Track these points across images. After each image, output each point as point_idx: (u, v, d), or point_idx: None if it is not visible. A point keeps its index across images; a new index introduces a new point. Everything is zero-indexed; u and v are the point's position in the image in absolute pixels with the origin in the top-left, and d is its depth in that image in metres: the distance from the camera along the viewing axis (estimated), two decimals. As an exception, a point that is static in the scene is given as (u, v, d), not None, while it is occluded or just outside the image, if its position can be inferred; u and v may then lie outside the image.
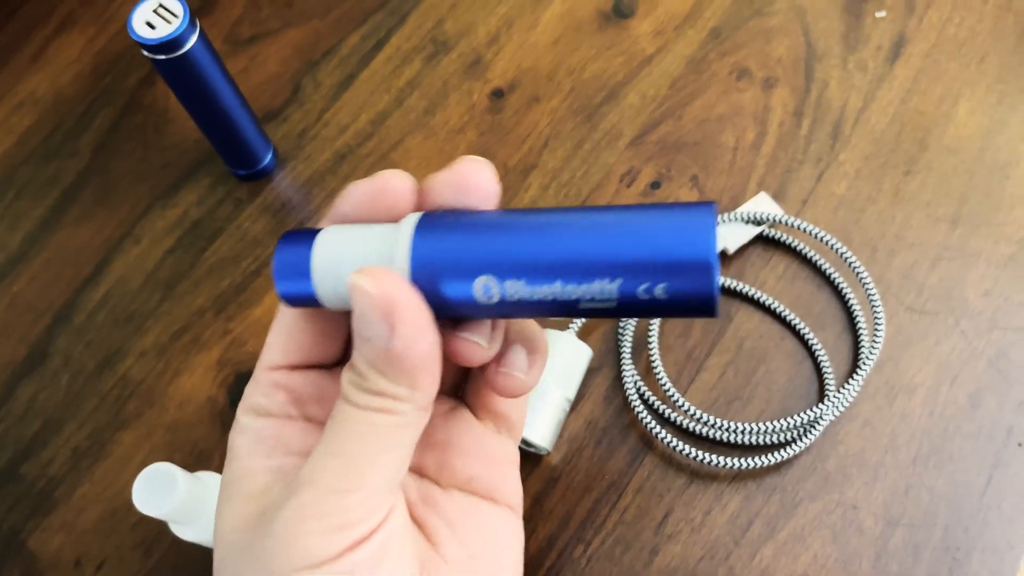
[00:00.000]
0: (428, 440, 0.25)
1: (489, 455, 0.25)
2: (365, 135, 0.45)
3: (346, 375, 0.21)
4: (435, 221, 0.20)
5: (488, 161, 0.22)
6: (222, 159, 0.44)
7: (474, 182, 0.21)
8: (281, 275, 0.21)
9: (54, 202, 0.45)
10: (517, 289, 0.19)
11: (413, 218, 0.21)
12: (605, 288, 0.19)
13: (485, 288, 0.20)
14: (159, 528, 0.37)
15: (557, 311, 0.20)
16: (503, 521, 0.25)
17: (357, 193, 0.22)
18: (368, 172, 0.44)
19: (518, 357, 0.22)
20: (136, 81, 0.48)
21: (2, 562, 0.37)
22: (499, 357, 0.22)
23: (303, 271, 0.21)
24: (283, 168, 0.44)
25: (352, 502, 0.20)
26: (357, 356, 0.20)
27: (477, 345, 0.21)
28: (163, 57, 0.35)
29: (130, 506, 0.38)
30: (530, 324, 0.23)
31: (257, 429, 0.23)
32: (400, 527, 0.21)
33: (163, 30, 0.34)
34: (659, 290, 0.18)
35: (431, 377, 0.20)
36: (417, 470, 0.25)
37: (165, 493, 0.30)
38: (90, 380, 0.41)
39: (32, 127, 0.48)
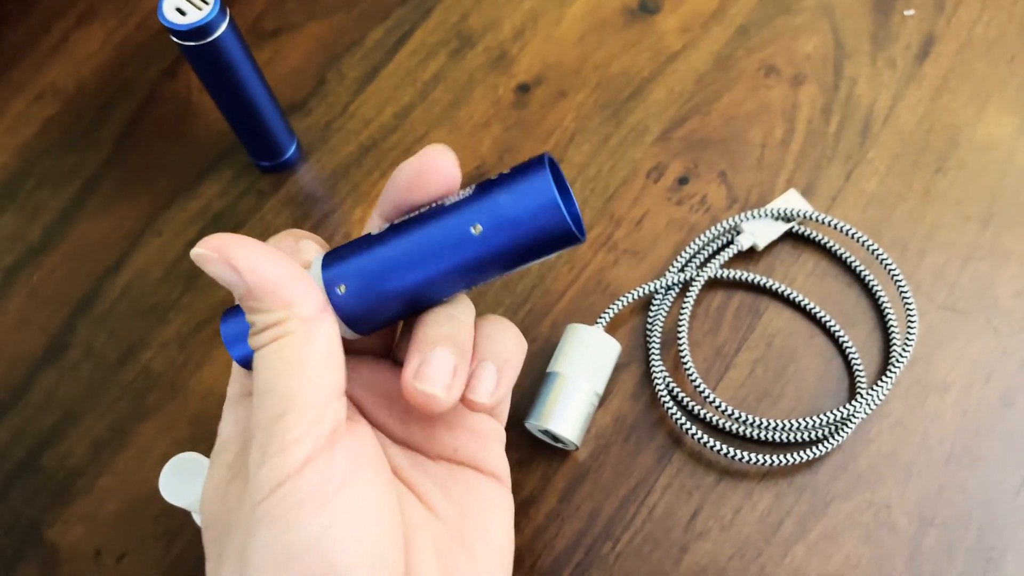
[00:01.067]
0: (414, 415, 0.26)
1: (472, 429, 0.26)
2: (389, 128, 0.45)
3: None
4: (334, 255, 0.24)
5: (449, 148, 0.24)
6: (246, 150, 0.44)
7: (436, 167, 0.23)
8: (231, 345, 0.25)
9: (75, 193, 0.45)
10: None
11: (318, 258, 0.24)
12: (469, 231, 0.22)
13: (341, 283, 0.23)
14: (181, 520, 0.37)
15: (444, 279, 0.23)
16: (490, 488, 0.26)
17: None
18: (393, 166, 0.43)
19: (484, 377, 0.23)
20: (157, 73, 0.48)
21: (22, 553, 0.37)
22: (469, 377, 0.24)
23: (244, 337, 0.24)
24: (306, 161, 0.44)
25: (287, 423, 0.21)
26: (244, 310, 0.23)
27: (428, 394, 0.22)
28: (192, 44, 0.35)
29: (151, 498, 0.37)
30: (492, 331, 0.24)
31: (236, 405, 0.25)
32: (362, 453, 0.22)
33: (193, 16, 0.34)
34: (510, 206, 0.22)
35: (296, 290, 0.22)
36: (404, 443, 0.26)
37: (192, 483, 0.29)
38: (111, 371, 0.40)
39: (53, 118, 0.48)
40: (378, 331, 0.25)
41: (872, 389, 0.35)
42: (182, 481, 0.29)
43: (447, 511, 0.25)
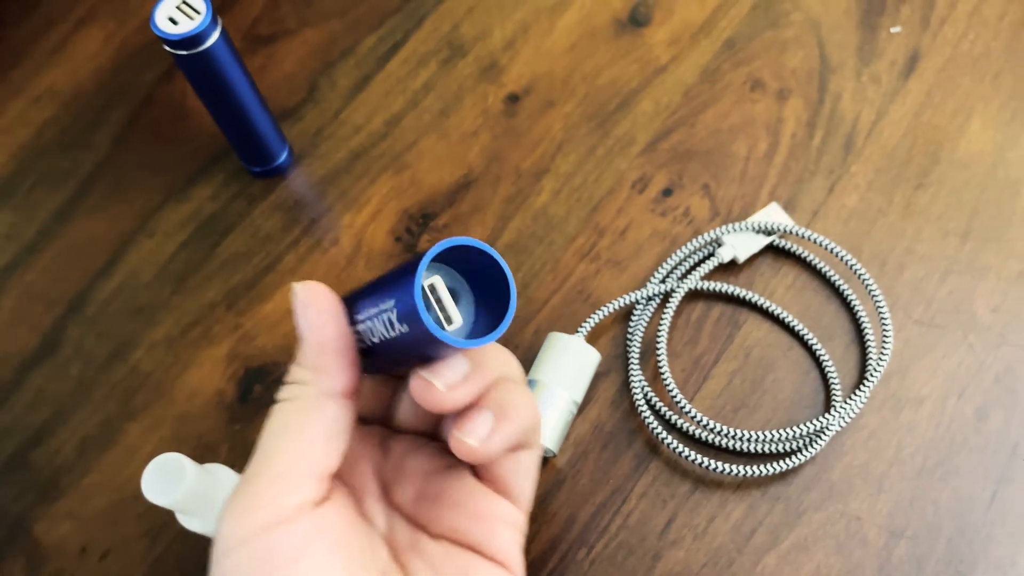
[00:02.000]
0: (423, 492, 0.26)
1: (476, 510, 0.26)
2: (380, 135, 0.45)
3: None
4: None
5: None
6: (238, 156, 0.44)
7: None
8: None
9: (70, 194, 0.46)
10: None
11: None
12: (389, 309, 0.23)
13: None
14: (164, 518, 0.37)
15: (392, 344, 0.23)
16: (490, 573, 0.25)
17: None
18: (381, 172, 0.44)
19: (478, 422, 0.23)
20: (154, 77, 0.49)
21: (8, 548, 0.37)
22: (459, 418, 0.23)
23: None
24: (297, 166, 0.45)
25: (259, 485, 0.21)
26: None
27: (427, 383, 0.23)
28: (184, 53, 0.35)
29: (136, 496, 0.38)
30: (508, 392, 0.24)
31: None
32: (326, 531, 0.22)
33: (185, 26, 0.35)
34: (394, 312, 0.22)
35: (333, 363, 0.22)
36: (411, 519, 0.26)
37: (174, 483, 0.30)
38: (100, 370, 0.41)
39: (50, 119, 0.48)
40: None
41: (847, 402, 0.35)
42: (162, 482, 0.30)
43: None
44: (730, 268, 0.40)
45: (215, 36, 0.35)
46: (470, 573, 0.25)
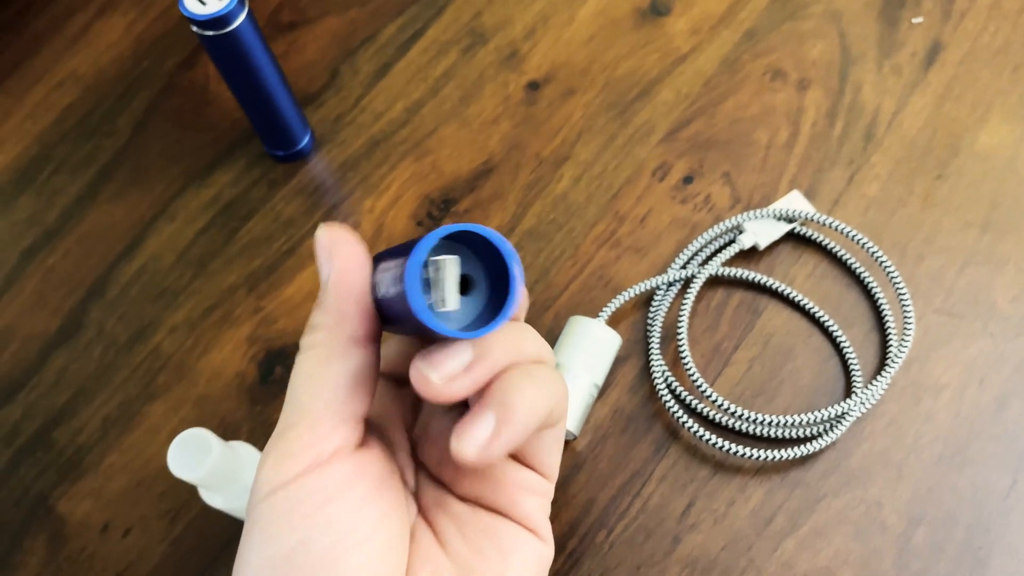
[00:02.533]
0: (447, 456, 0.26)
1: (499, 479, 0.25)
2: (400, 123, 0.45)
3: None
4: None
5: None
6: (260, 140, 0.44)
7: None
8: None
9: (91, 179, 0.46)
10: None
11: None
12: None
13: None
14: (186, 498, 0.37)
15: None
16: (516, 535, 0.25)
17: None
18: (402, 158, 0.44)
19: (476, 427, 0.21)
20: (174, 64, 0.49)
21: (30, 525, 0.38)
22: (461, 419, 0.22)
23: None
24: (318, 152, 0.45)
25: (294, 434, 0.21)
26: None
27: (422, 375, 0.21)
28: (212, 33, 0.36)
29: (157, 475, 0.38)
30: (518, 383, 0.22)
31: None
32: (362, 476, 0.22)
33: (213, 6, 0.35)
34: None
35: (356, 308, 0.22)
36: (438, 478, 0.26)
37: (199, 458, 0.30)
38: (121, 352, 0.41)
39: (72, 105, 0.49)
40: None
41: (867, 388, 0.35)
42: (188, 456, 0.30)
43: (459, 551, 0.24)
44: (751, 255, 0.40)
45: (242, 17, 0.36)
46: (497, 535, 0.25)
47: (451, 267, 0.21)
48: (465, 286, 0.22)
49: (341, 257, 0.22)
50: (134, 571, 0.37)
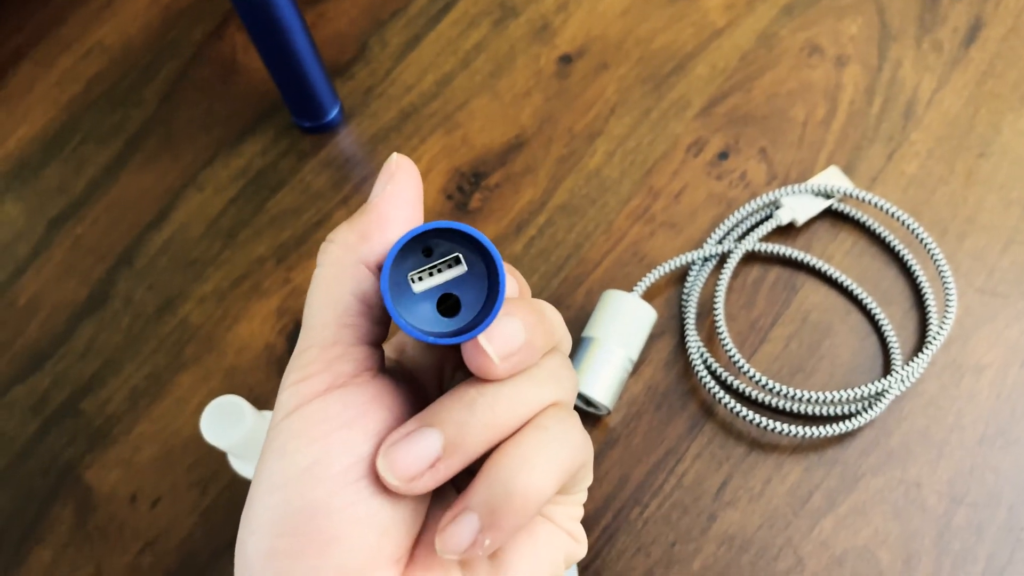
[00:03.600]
0: None
1: None
2: (430, 95, 0.45)
3: None
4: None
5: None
6: (289, 110, 0.44)
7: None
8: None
9: (119, 148, 0.46)
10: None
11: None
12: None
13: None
14: (215, 468, 0.37)
15: None
16: (551, 532, 0.23)
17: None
18: (432, 131, 0.44)
19: (459, 529, 0.19)
20: (203, 35, 0.49)
21: (59, 492, 0.38)
22: (442, 520, 0.19)
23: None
24: (347, 124, 0.45)
25: (308, 357, 0.20)
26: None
27: (381, 467, 0.20)
28: (245, -2, 0.35)
29: (186, 445, 0.38)
30: (506, 468, 0.19)
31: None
32: (380, 401, 0.21)
33: (248, -30, 0.34)
34: None
35: (378, 233, 0.21)
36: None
37: (233, 425, 0.30)
38: (150, 323, 0.41)
39: (99, 74, 0.48)
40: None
41: (906, 367, 0.35)
42: (222, 423, 0.30)
43: None
44: (788, 231, 0.39)
45: (277, -17, 0.35)
46: (531, 526, 0.22)
47: (444, 262, 0.20)
48: (454, 304, 0.21)
49: (398, 186, 0.21)
50: (164, 541, 0.36)
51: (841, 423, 0.34)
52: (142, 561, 0.36)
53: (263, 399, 0.38)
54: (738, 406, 0.35)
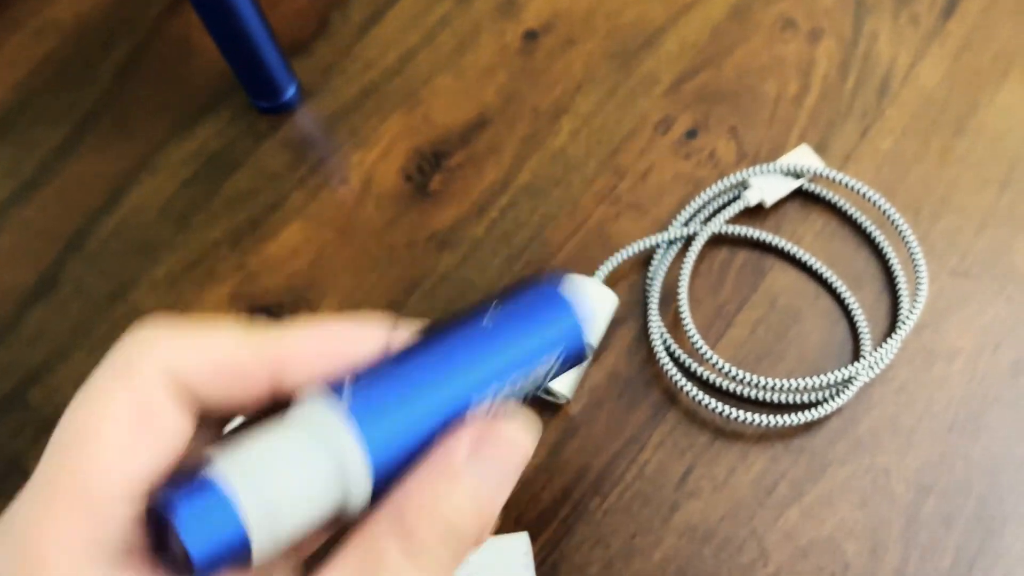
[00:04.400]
0: None
1: None
2: (393, 72, 0.43)
3: (388, 527, 0.16)
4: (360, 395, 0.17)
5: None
6: (244, 90, 0.42)
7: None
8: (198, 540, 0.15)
9: (70, 130, 0.44)
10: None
11: (326, 408, 0.17)
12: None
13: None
14: (165, 460, 0.36)
15: None
16: None
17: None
18: (394, 110, 0.42)
19: None
20: (158, 11, 0.47)
21: (4, 486, 0.36)
22: None
23: (227, 524, 0.15)
24: (306, 103, 0.43)
25: None
26: (421, 517, 0.16)
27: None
28: (187, -30, 0.33)
29: (136, 437, 0.37)
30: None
31: None
32: None
33: (188, -59, 0.33)
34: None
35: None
36: None
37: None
38: (101, 308, 0.40)
39: (51, 53, 0.47)
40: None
41: (876, 352, 0.34)
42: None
43: None
44: (756, 212, 0.38)
45: (220, -45, 0.34)
46: None
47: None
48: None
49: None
50: (111, 534, 0.35)
51: (808, 411, 0.33)
52: (90, 555, 0.35)
53: (216, 388, 0.37)
54: (701, 395, 0.34)
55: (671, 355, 0.35)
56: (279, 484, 0.16)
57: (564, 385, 0.33)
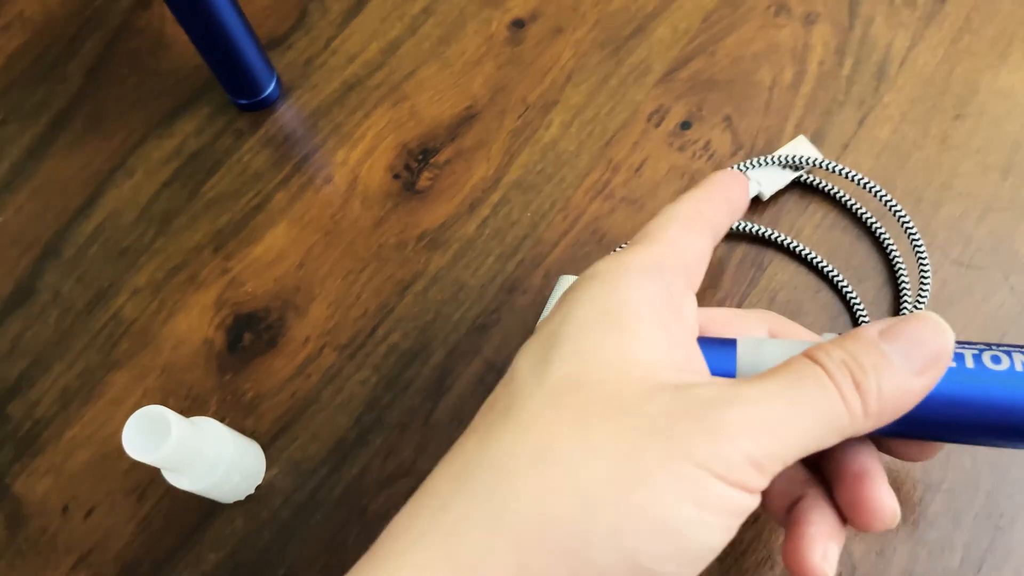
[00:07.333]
0: None
1: None
2: (376, 65, 0.42)
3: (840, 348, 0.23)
4: None
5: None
6: (223, 87, 0.41)
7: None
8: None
9: (42, 129, 0.43)
10: None
11: None
12: None
13: None
14: (153, 474, 0.35)
15: None
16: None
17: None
18: (378, 104, 0.41)
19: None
20: (130, 2, 0.45)
21: (-15, 506, 0.35)
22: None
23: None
24: (287, 99, 0.42)
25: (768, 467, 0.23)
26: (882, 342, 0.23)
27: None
28: (158, -34, 0.32)
29: (122, 450, 0.36)
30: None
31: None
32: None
33: (158, -65, 0.31)
34: None
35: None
36: None
37: (158, 438, 0.28)
38: (80, 318, 0.38)
39: (19, 50, 0.45)
40: None
41: (880, 347, 0.33)
42: (145, 437, 0.28)
43: None
44: (754, 205, 0.37)
45: (193, -52, 0.32)
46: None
47: None
48: None
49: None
50: (100, 553, 0.34)
51: (811, 409, 0.33)
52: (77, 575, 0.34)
53: (202, 398, 0.36)
54: (703, 395, 0.33)
55: (671, 354, 0.34)
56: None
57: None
